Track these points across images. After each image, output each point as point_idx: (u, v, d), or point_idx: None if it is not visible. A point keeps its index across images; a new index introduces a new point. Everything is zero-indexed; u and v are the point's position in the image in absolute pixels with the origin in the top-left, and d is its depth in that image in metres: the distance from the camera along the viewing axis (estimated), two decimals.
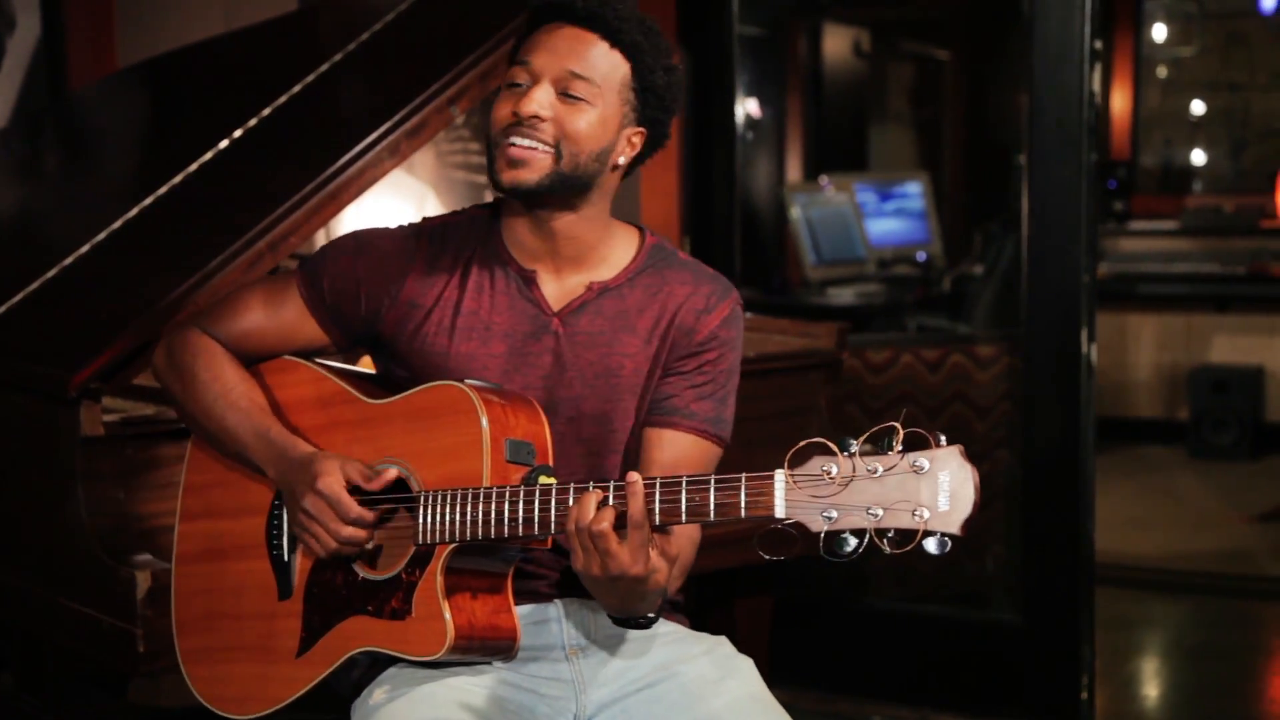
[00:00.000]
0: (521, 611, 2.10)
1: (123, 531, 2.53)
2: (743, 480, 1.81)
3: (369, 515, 2.03)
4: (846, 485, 1.74)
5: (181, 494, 2.30)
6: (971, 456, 1.74)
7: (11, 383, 2.68)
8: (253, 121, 3.09)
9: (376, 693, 2.04)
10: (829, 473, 1.75)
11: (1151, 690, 4.48)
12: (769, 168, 7.81)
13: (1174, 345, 7.77)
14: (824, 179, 7.38)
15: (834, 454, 1.76)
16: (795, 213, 6.83)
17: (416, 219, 2.24)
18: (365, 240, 2.18)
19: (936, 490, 1.71)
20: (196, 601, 2.25)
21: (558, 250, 2.12)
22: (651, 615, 2.00)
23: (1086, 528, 3.90)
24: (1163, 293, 7.71)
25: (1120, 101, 9.28)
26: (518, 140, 2.03)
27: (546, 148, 2.03)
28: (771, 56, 8.02)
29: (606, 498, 1.88)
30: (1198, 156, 9.07)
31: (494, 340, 2.12)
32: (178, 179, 3.02)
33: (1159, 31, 9.37)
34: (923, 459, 1.72)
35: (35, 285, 2.90)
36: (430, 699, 2.00)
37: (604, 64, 2.07)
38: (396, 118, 2.77)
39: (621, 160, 2.12)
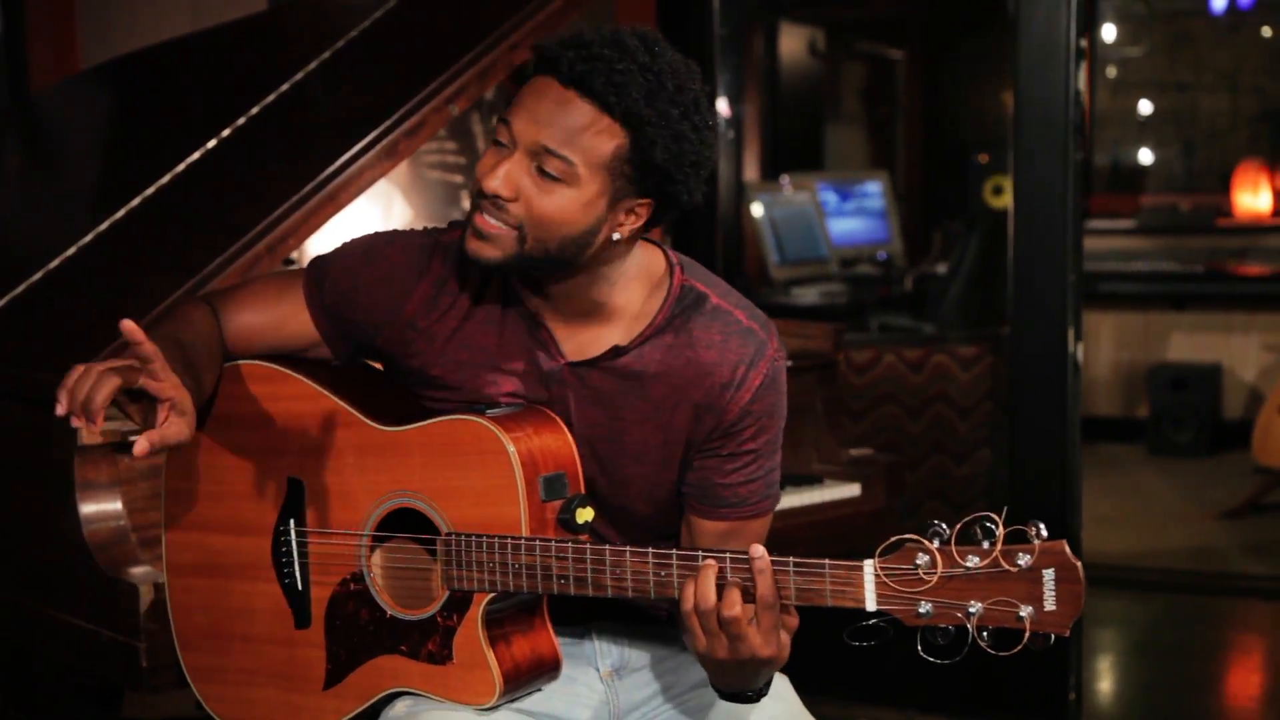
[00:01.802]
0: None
1: (120, 543, 2.45)
2: (827, 568, 1.72)
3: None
4: (941, 580, 1.67)
5: (165, 499, 2.22)
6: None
7: (1, 390, 2.60)
8: (241, 120, 3.01)
9: (398, 706, 1.98)
10: (921, 566, 1.67)
11: (1127, 688, 4.49)
12: (727, 167, 7.79)
13: (1132, 343, 7.82)
14: (784, 178, 7.36)
15: (925, 545, 1.67)
16: (759, 212, 6.81)
17: (382, 223, 2.13)
18: (377, 247, 2.04)
19: (1041, 589, 1.64)
20: (200, 618, 2.18)
21: (563, 307, 1.95)
22: (762, 687, 1.89)
23: (1074, 527, 3.90)
24: (1121, 291, 7.75)
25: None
26: (485, 215, 1.83)
27: (509, 228, 1.83)
28: (730, 55, 8.00)
29: (724, 572, 1.77)
30: (1145, 156, 9.13)
31: (503, 381, 1.98)
32: (165, 179, 2.94)
33: (1109, 31, 9.44)
34: (1023, 555, 1.64)
35: (20, 289, 2.81)
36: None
37: (588, 139, 1.80)
38: (395, 117, 2.70)
39: (617, 236, 1.87)
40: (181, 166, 2.96)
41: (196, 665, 2.18)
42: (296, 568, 2.07)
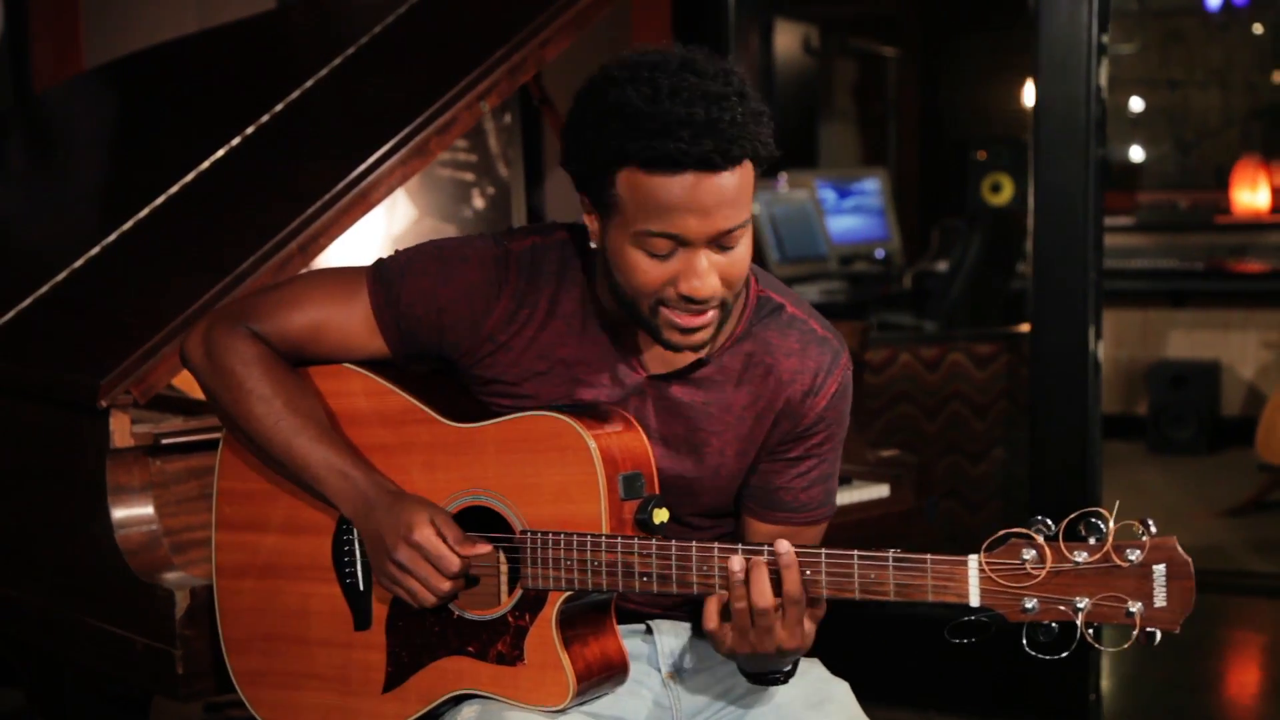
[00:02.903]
0: None
1: (152, 547, 2.41)
2: (929, 563, 1.70)
3: (468, 566, 1.90)
4: (1048, 576, 1.65)
5: (216, 500, 2.17)
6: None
7: (30, 391, 2.56)
8: (265, 118, 2.97)
9: (466, 710, 1.94)
10: (1028, 561, 1.66)
11: (1142, 687, 4.47)
12: None
13: (1131, 341, 7.81)
14: (781, 175, 7.34)
15: (1032, 539, 1.66)
16: (758, 209, 6.78)
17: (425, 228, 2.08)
18: (451, 264, 1.96)
19: (1151, 585, 1.62)
20: (249, 620, 2.14)
21: None
22: (789, 669, 1.89)
23: None
24: (1120, 288, 7.73)
25: None
26: (687, 315, 1.81)
27: (715, 309, 1.83)
28: (724, 52, 7.98)
29: (776, 573, 1.76)
30: (1136, 153, 9.13)
31: (577, 390, 1.95)
32: (189, 178, 2.90)
33: None
34: (1133, 550, 1.63)
35: (44, 289, 2.77)
36: None
37: (745, 189, 1.79)
38: (426, 114, 2.65)
39: None
40: (206, 164, 2.93)
41: (245, 669, 2.14)
42: (359, 568, 2.03)
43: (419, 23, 3.08)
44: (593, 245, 1.88)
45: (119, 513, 2.39)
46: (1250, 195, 7.97)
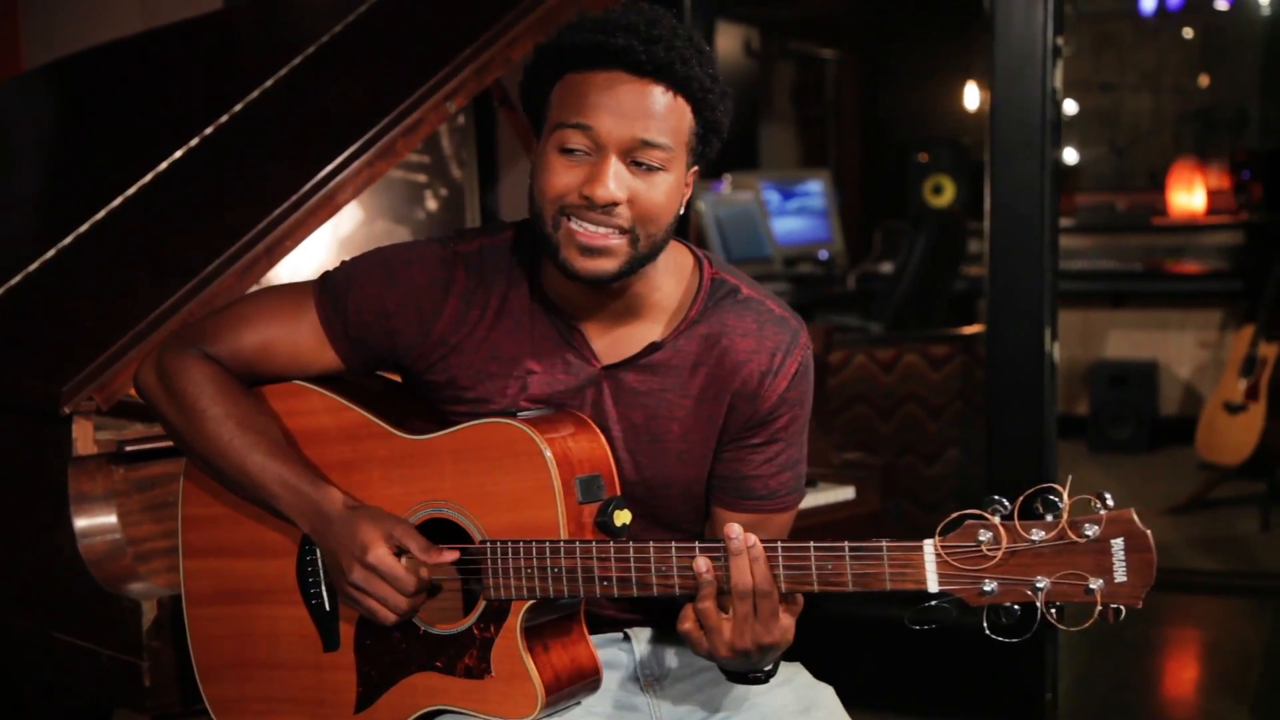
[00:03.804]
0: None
1: (116, 557, 2.35)
2: (885, 550, 1.67)
3: (428, 582, 1.87)
4: (1005, 556, 1.62)
5: (181, 528, 2.13)
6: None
7: None
8: (224, 119, 2.92)
9: None
10: (984, 543, 1.62)
11: (1097, 685, 4.50)
12: None
13: (1071, 341, 7.87)
14: (725, 177, 7.35)
15: (987, 521, 1.63)
16: (704, 210, 6.78)
17: (439, 234, 2.03)
18: (396, 268, 1.94)
19: (1111, 559, 1.59)
20: (221, 647, 2.10)
21: (606, 306, 1.90)
22: (770, 669, 1.85)
23: None
24: (1060, 289, 7.80)
25: None
26: (589, 226, 1.79)
27: (621, 234, 1.80)
28: None
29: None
30: (1070, 155, 9.21)
31: (534, 389, 1.92)
32: (146, 179, 2.84)
33: None
34: (1090, 526, 1.59)
35: None
36: None
37: (673, 119, 1.79)
38: (393, 114, 2.62)
39: (680, 210, 1.87)
40: (164, 165, 2.86)
41: (219, 697, 2.10)
42: (324, 588, 1.99)
43: (380, 22, 3.04)
44: (530, 182, 1.88)
45: (81, 522, 2.33)
46: (1186, 197, 8.06)
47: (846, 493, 3.12)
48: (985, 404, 3.99)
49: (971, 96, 8.95)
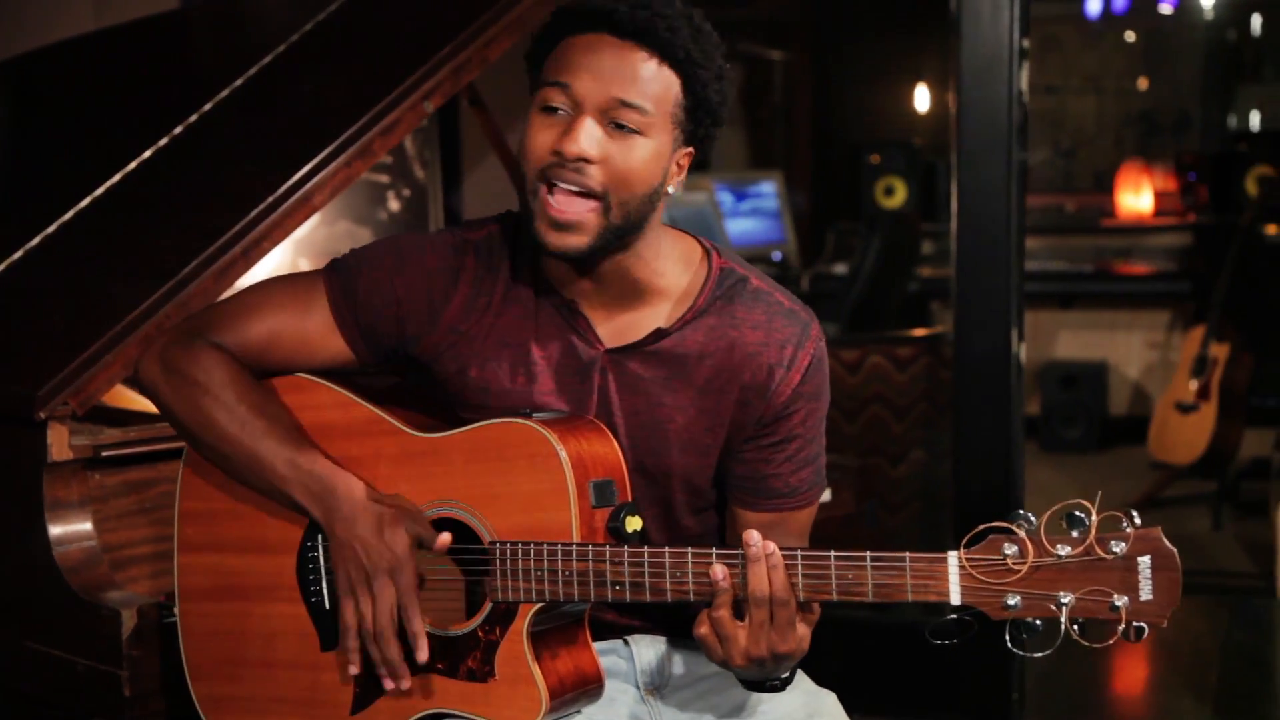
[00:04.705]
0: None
1: (92, 565, 2.31)
2: (908, 561, 1.66)
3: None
4: (1030, 571, 1.61)
5: (178, 522, 2.10)
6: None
7: None
8: (193, 118, 2.87)
9: None
10: (1010, 556, 1.62)
11: (1061, 685, 4.53)
12: None
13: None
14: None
15: (1013, 534, 1.62)
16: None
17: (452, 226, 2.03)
18: (407, 254, 1.93)
19: (1137, 577, 1.59)
20: (213, 644, 2.06)
21: (605, 290, 1.89)
22: (787, 676, 1.84)
23: None
24: None
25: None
26: (561, 183, 1.78)
27: (593, 201, 1.78)
28: None
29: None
30: None
31: (541, 376, 1.91)
32: (115, 179, 2.79)
33: None
34: (1117, 542, 1.59)
35: None
36: None
37: (656, 86, 1.79)
38: (370, 114, 2.58)
39: (671, 190, 1.87)
40: (132, 165, 2.82)
41: (209, 695, 2.06)
42: (324, 586, 1.96)
43: (353, 21, 3.00)
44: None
45: (57, 529, 2.29)
46: (1134, 199, 8.13)
47: (823, 495, 3.11)
48: (952, 405, 4.00)
49: (922, 98, 8.99)
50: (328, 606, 1.96)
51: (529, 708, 1.83)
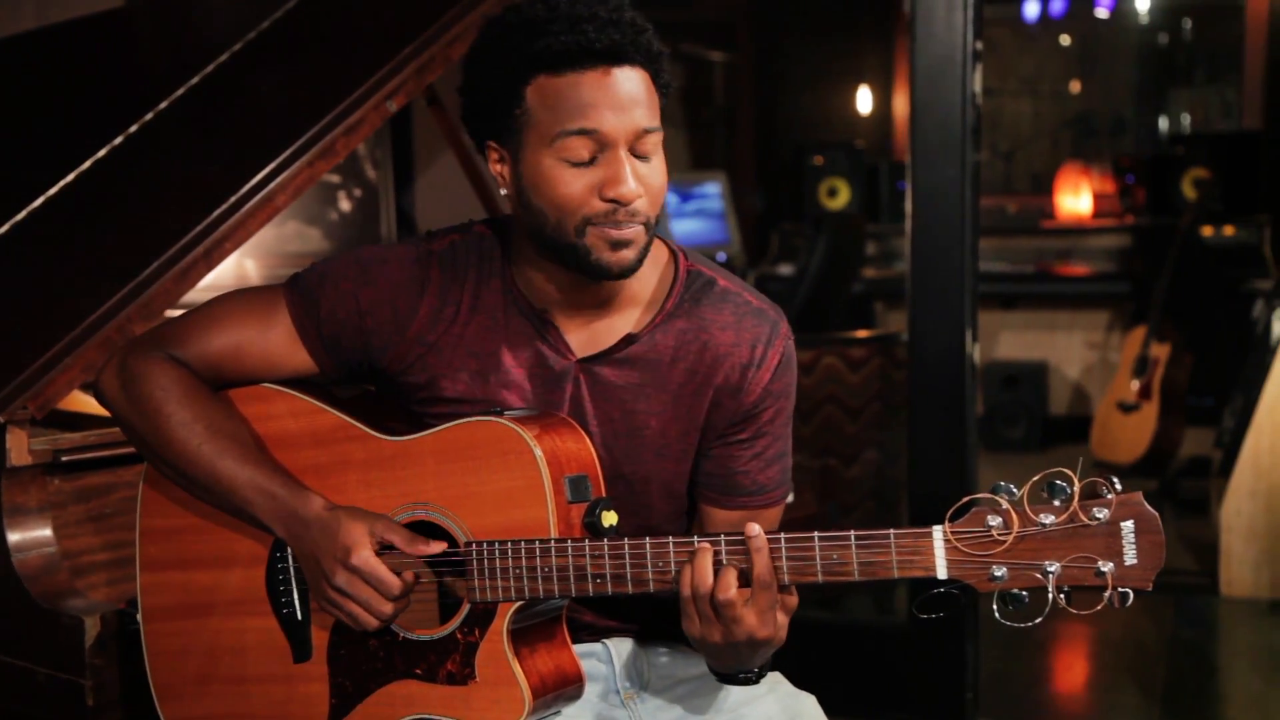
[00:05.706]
0: None
1: (52, 572, 2.27)
2: (892, 538, 1.66)
3: (413, 585, 1.82)
4: (1015, 541, 1.62)
5: (140, 540, 2.05)
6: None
7: None
8: (148, 117, 2.82)
9: None
10: (994, 528, 1.62)
11: (1015, 683, 4.55)
12: None
13: None
14: None
15: (997, 506, 1.62)
16: None
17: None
18: (370, 266, 1.90)
19: (1120, 542, 1.59)
20: (182, 663, 2.02)
21: (585, 298, 1.87)
22: (759, 670, 1.83)
23: None
24: None
25: (902, 106, 9.52)
26: (621, 228, 1.77)
27: (643, 226, 1.79)
28: None
29: (720, 556, 1.70)
30: None
31: (512, 386, 1.89)
32: (69, 179, 2.73)
33: None
34: (1099, 509, 1.60)
35: None
36: None
37: (654, 98, 1.79)
38: (334, 114, 2.55)
39: None
40: (87, 164, 2.77)
41: (178, 716, 2.01)
42: (296, 597, 1.92)
43: (310, 20, 2.96)
44: (503, 193, 1.85)
45: (15, 535, 2.25)
46: (1074, 201, 8.21)
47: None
48: (906, 405, 4.01)
49: (865, 100, 9.03)
50: (300, 618, 1.93)
51: (512, 709, 1.81)
